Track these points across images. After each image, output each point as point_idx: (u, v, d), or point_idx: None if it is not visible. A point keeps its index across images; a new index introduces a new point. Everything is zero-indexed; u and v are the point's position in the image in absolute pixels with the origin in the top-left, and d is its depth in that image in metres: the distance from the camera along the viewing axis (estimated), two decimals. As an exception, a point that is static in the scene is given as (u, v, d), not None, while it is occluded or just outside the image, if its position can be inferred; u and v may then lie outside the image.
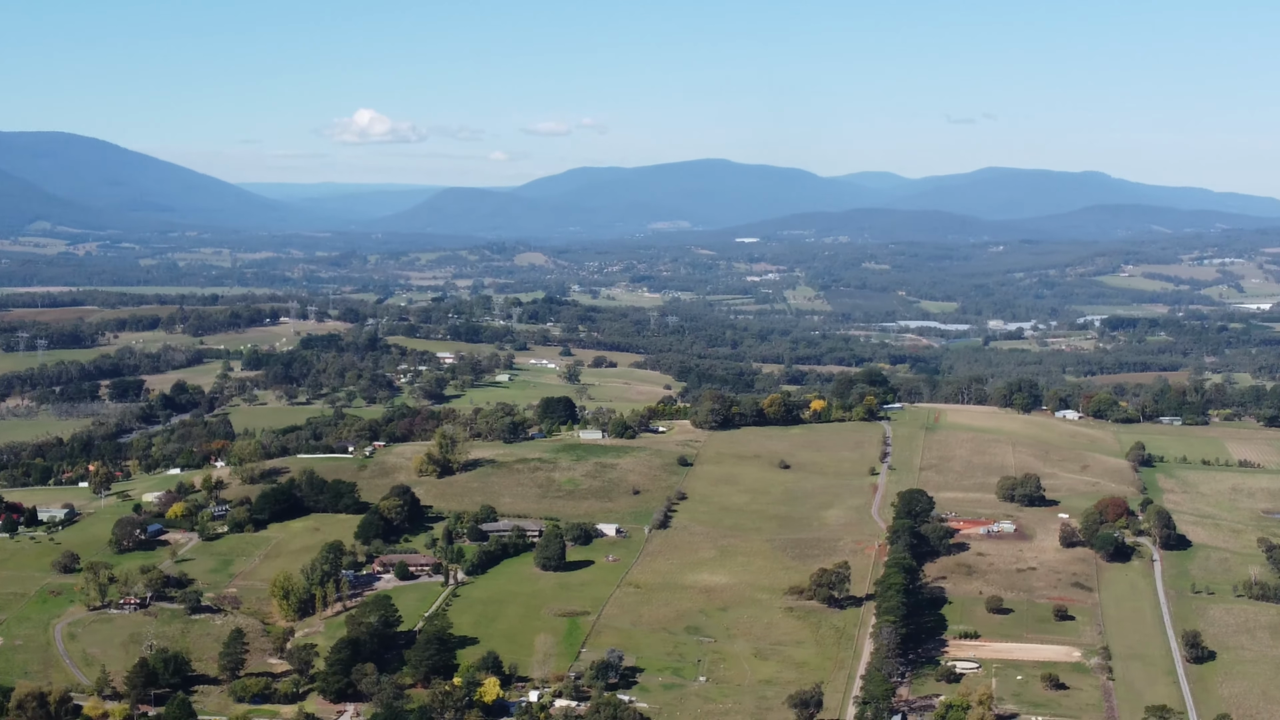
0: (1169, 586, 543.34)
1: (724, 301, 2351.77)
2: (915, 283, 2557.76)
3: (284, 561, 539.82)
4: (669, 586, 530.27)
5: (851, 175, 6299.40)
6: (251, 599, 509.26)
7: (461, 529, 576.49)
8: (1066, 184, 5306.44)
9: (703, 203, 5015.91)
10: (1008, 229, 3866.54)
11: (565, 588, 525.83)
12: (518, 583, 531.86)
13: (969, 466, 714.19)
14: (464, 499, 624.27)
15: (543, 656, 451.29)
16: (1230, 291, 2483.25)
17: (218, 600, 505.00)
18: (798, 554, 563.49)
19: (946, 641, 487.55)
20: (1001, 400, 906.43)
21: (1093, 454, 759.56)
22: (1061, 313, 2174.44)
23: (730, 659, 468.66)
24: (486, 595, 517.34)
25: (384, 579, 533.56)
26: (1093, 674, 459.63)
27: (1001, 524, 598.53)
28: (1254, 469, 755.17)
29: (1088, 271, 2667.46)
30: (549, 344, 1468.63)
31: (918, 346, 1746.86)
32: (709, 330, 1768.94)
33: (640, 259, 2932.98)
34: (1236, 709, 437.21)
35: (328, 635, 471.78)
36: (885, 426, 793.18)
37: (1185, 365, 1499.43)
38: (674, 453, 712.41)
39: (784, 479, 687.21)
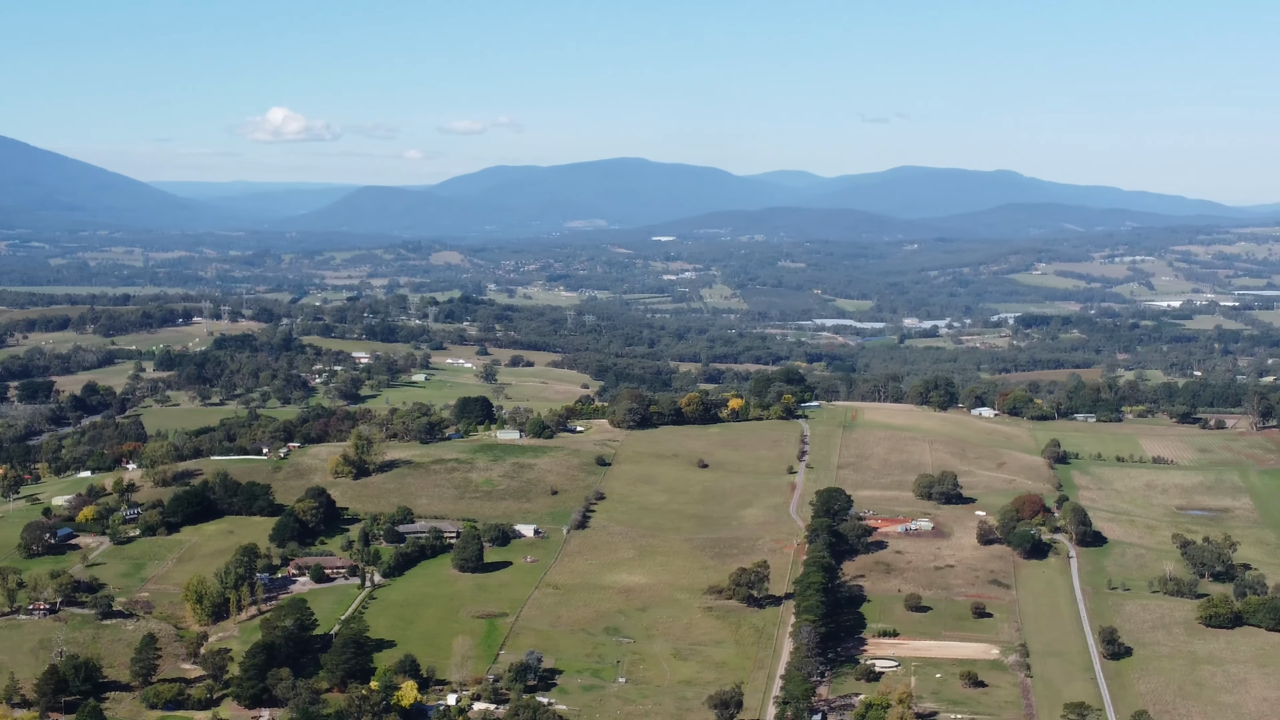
0: (1085, 583, 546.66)
1: (641, 300, 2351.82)
2: (831, 281, 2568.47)
3: (197, 565, 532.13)
4: (588, 587, 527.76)
5: (767, 174, 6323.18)
6: (164, 603, 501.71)
7: (378, 531, 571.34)
8: (979, 183, 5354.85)
9: (619, 201, 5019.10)
10: (922, 227, 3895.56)
11: (483, 589, 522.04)
12: (435, 585, 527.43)
13: (886, 464, 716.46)
14: (380, 500, 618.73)
15: (461, 659, 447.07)
16: (1141, 289, 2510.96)
17: (130, 605, 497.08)
18: (717, 553, 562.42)
19: (866, 640, 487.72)
20: (918, 398, 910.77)
21: (1009, 451, 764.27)
22: (976, 310, 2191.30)
23: (650, 659, 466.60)
24: (404, 598, 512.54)
25: (300, 582, 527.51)
26: (1011, 671, 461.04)
27: (919, 522, 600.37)
28: (1167, 465, 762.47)
29: (1001, 269, 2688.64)
30: (465, 343, 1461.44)
31: (834, 345, 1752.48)
32: (626, 329, 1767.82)
33: (557, 258, 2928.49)
34: (1153, 705, 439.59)
35: (242, 640, 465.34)
36: (803, 425, 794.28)
37: (1098, 362, 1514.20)
38: (592, 452, 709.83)
39: (702, 478, 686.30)
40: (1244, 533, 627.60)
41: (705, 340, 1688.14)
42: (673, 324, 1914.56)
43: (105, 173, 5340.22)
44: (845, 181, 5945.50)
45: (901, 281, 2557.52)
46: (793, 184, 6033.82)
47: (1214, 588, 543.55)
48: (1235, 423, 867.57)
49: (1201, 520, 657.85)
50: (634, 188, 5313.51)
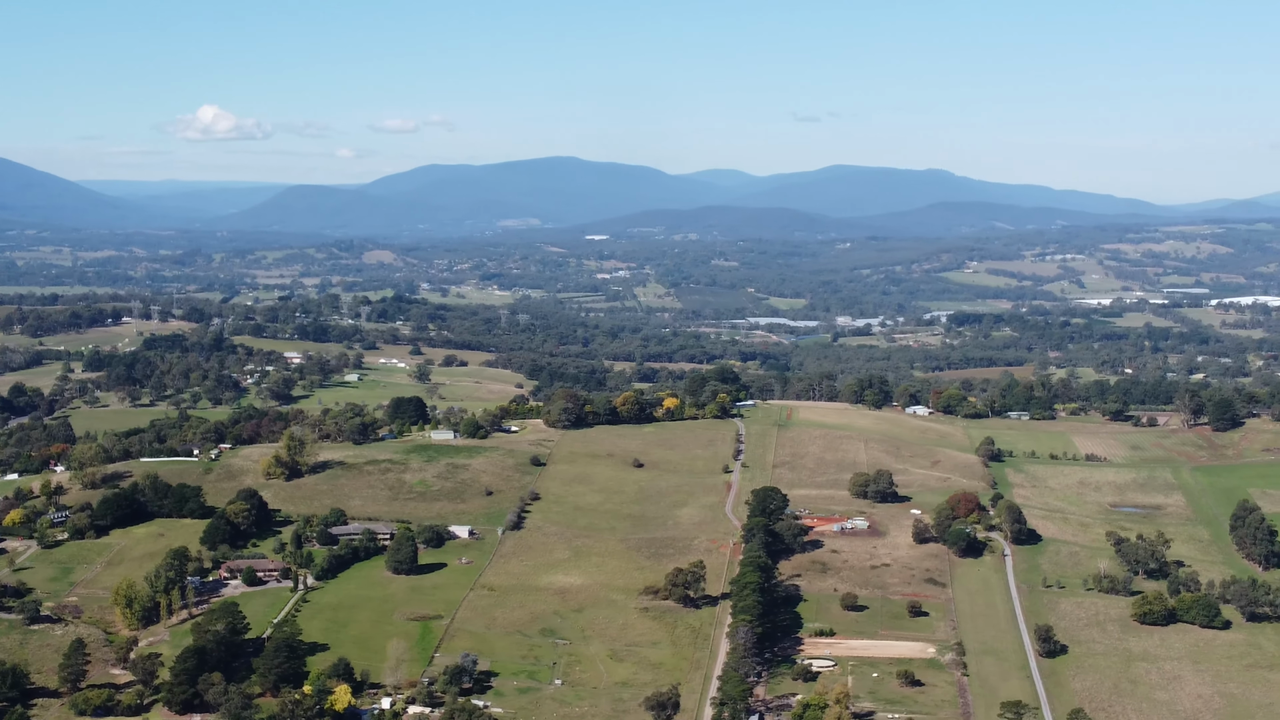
0: (1020, 581, 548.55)
1: (575, 299, 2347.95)
2: (764, 280, 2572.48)
3: (127, 569, 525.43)
4: (523, 588, 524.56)
5: (700, 173, 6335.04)
6: (93, 608, 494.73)
7: (311, 533, 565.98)
8: (911, 181, 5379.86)
9: (552, 200, 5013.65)
10: (854, 226, 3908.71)
11: (418, 591, 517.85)
12: (369, 587, 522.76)
13: (821, 463, 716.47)
14: (313, 502, 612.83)
15: (395, 662, 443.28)
16: (1072, 287, 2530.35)
17: (58, 609, 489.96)
18: (652, 553, 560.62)
19: (802, 640, 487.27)
20: (852, 396, 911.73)
21: (943, 449, 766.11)
22: (908, 309, 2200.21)
23: (586, 661, 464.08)
24: (337, 600, 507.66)
25: (231, 585, 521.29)
26: (947, 670, 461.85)
27: (855, 521, 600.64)
28: (1100, 463, 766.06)
29: (933, 268, 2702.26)
30: (398, 343, 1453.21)
31: (768, 343, 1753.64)
32: (560, 328, 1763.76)
33: (490, 257, 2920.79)
34: (1089, 703, 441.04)
35: (173, 644, 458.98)
36: (738, 424, 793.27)
37: (1030, 360, 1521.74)
38: (527, 452, 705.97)
39: (638, 478, 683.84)
40: (1177, 530, 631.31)
41: (639, 339, 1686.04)
42: (607, 323, 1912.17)
43: (32, 171, 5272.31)
44: (778, 180, 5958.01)
45: (834, 280, 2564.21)
46: (726, 183, 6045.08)
47: (1148, 585, 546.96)
48: (1167, 420, 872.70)
49: (1135, 518, 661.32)
50: (567, 187, 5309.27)
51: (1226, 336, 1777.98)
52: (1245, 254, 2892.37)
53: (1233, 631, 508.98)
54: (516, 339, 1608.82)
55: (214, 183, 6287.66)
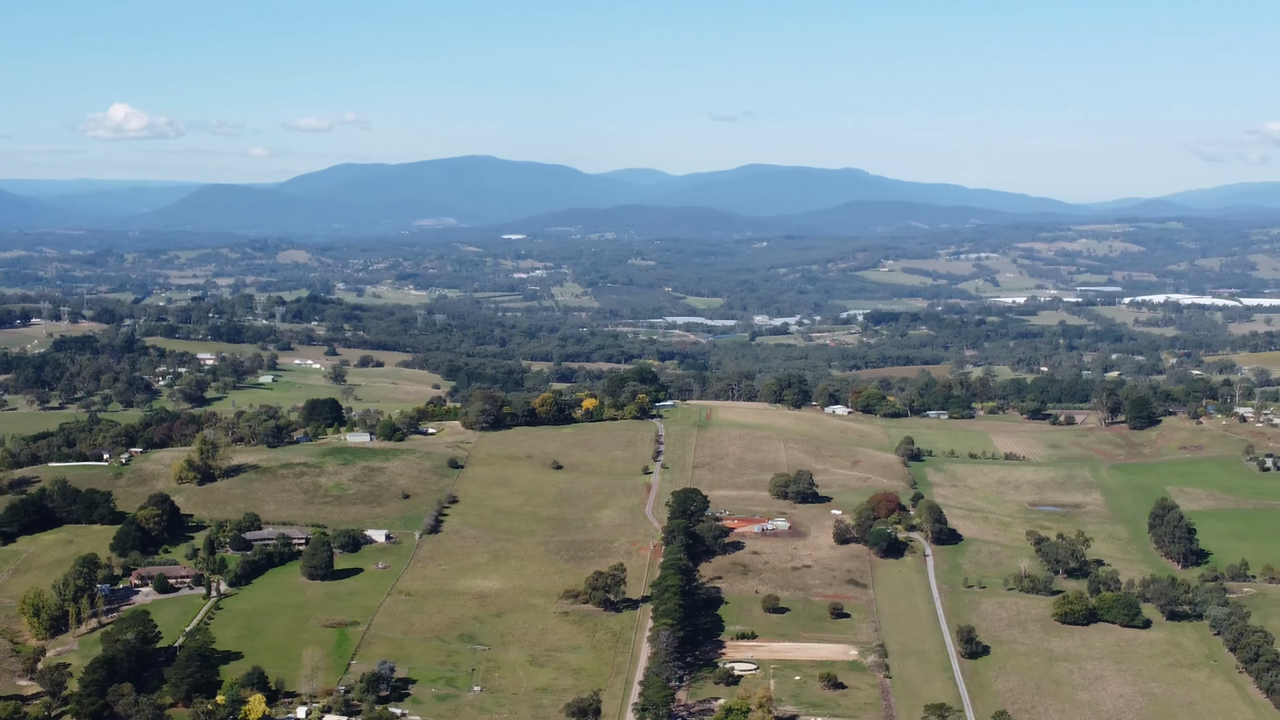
0: (942, 581, 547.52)
1: (492, 299, 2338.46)
2: (681, 279, 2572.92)
3: (34, 576, 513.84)
4: (441, 593, 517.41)
5: (617, 172, 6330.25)
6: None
7: (224, 538, 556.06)
8: (827, 181, 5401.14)
9: (469, 199, 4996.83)
10: (771, 225, 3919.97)
11: (334, 597, 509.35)
12: (284, 593, 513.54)
13: (742, 464, 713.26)
14: (226, 507, 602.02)
15: (311, 670, 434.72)
16: (987, 286, 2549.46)
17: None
18: (572, 556, 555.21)
19: (724, 643, 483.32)
20: (772, 396, 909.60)
21: (863, 449, 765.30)
22: (825, 307, 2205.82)
23: (505, 667, 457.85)
24: (251, 607, 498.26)
25: (142, 593, 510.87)
26: (870, 672, 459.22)
27: (776, 522, 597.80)
28: (1019, 461, 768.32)
29: (849, 266, 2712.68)
30: (314, 344, 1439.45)
31: (686, 343, 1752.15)
32: (477, 328, 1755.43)
33: (406, 256, 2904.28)
34: (1012, 704, 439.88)
35: (82, 654, 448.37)
36: (657, 424, 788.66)
37: (947, 359, 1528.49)
38: (444, 455, 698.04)
39: (557, 480, 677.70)
40: (1096, 528, 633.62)
41: (557, 339, 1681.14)
42: (524, 323, 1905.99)
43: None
44: (694, 179, 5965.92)
45: (751, 279, 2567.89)
46: (642, 182, 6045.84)
47: (1068, 584, 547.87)
48: (1084, 418, 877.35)
49: (1054, 516, 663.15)
50: (484, 186, 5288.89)
51: (1140, 334, 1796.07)
52: (1156, 252, 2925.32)
53: (1153, 630, 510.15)
54: (433, 339, 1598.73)
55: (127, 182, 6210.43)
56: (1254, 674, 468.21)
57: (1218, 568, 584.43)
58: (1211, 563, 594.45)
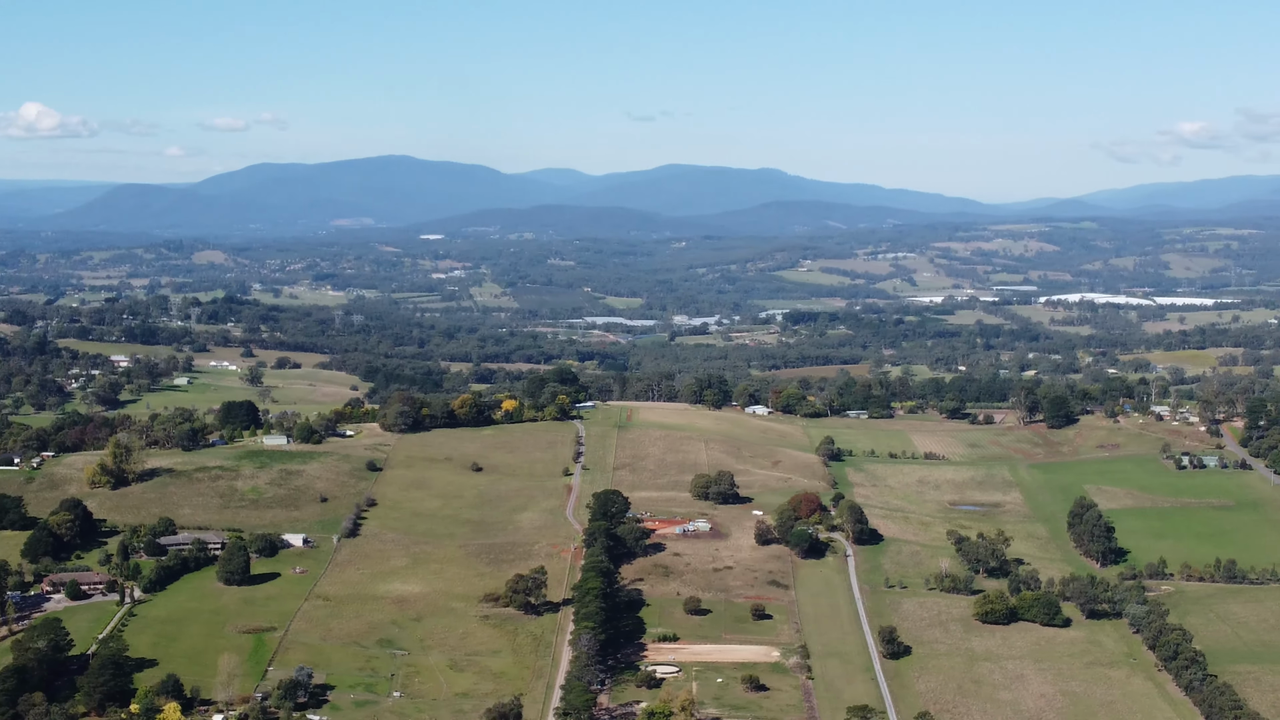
0: (863, 582, 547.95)
1: (410, 299, 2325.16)
2: (600, 279, 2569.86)
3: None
4: (360, 598, 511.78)
5: (535, 172, 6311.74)
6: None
7: (138, 543, 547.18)
8: (745, 181, 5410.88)
9: (387, 199, 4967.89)
10: (689, 225, 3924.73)
11: (250, 603, 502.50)
12: (200, 599, 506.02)
13: (663, 465, 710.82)
14: (141, 511, 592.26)
15: (227, 677, 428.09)
16: (904, 285, 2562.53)
17: None
18: (492, 559, 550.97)
19: (646, 645, 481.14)
20: (692, 396, 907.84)
21: (784, 449, 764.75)
22: (744, 307, 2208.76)
23: (425, 672, 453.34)
24: (166, 614, 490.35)
25: (54, 599, 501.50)
26: (792, 674, 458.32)
27: (697, 523, 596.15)
28: (939, 461, 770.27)
29: (768, 266, 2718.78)
30: (230, 345, 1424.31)
31: (605, 343, 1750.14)
32: (395, 329, 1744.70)
33: (324, 256, 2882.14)
34: (934, 704, 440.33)
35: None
36: (578, 426, 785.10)
37: (865, 358, 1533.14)
38: (363, 457, 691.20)
39: (477, 482, 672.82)
40: (1015, 527, 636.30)
41: (476, 339, 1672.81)
42: (443, 323, 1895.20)
43: None
44: (613, 179, 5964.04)
45: (671, 279, 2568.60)
46: (561, 182, 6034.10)
47: (989, 584, 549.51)
48: (1003, 417, 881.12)
49: (974, 516, 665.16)
50: (401, 185, 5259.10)
51: (1056, 333, 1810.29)
52: (1071, 252, 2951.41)
53: (1073, 629, 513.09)
54: (351, 340, 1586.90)
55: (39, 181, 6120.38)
56: (1173, 672, 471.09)
57: (1136, 566, 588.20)
58: (1130, 561, 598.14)
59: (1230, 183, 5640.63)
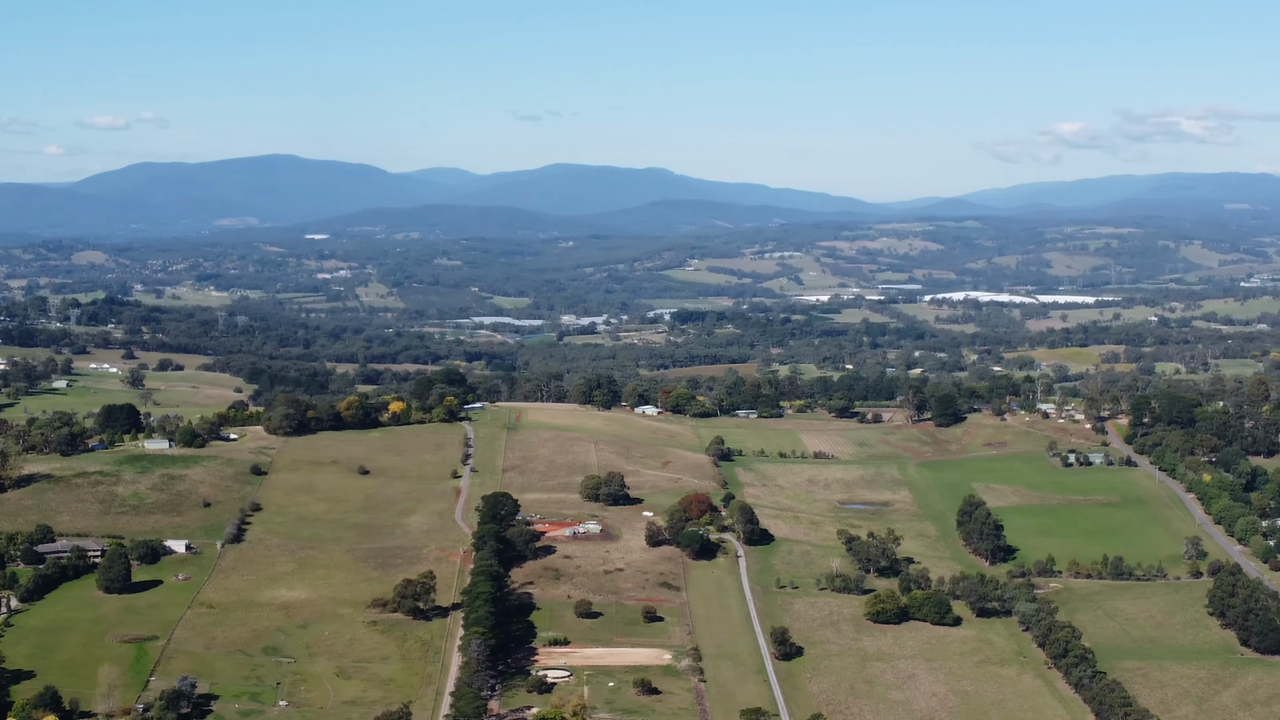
0: (754, 582, 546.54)
1: (295, 300, 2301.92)
2: (488, 279, 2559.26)
3: None
4: (245, 604, 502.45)
5: (421, 171, 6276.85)
6: None
7: (14, 551, 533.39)
8: (631, 180, 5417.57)
9: (271, 199, 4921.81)
10: (576, 224, 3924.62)
11: (132, 611, 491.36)
12: (79, 608, 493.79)
13: (552, 466, 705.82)
14: (17, 518, 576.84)
15: (107, 688, 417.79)
16: (791, 284, 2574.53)
17: None
18: (380, 564, 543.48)
19: (536, 650, 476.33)
20: (581, 397, 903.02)
21: (674, 449, 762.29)
22: (632, 307, 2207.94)
23: (312, 680, 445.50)
24: (44, 623, 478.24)
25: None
26: (684, 676, 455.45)
27: (587, 525, 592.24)
28: (828, 460, 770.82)
29: (655, 266, 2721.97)
30: (111, 347, 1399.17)
31: (493, 343, 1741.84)
32: (280, 330, 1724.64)
33: (207, 257, 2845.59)
34: (826, 706, 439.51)
35: None
36: (466, 427, 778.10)
37: (753, 357, 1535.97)
38: (247, 461, 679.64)
39: (364, 485, 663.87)
40: (905, 526, 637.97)
41: (362, 340, 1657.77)
42: (329, 324, 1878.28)
43: None
44: (500, 179, 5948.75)
45: (558, 279, 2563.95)
46: (447, 181, 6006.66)
47: (880, 583, 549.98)
48: (891, 416, 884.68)
49: (864, 515, 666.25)
50: (286, 185, 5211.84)
51: (941, 331, 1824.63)
52: (955, 250, 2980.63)
53: (964, 628, 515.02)
54: (235, 341, 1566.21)
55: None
56: (1062, 669, 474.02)
57: (1025, 564, 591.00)
58: (1019, 559, 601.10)
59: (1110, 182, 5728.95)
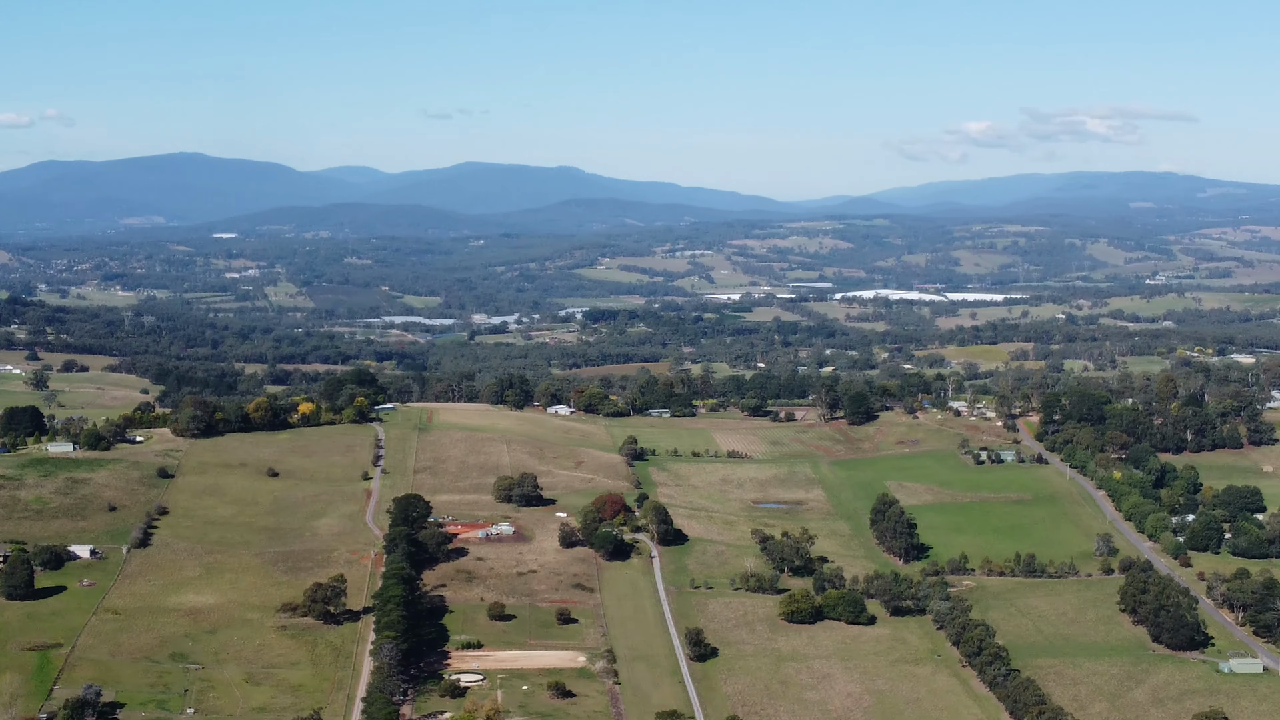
0: (669, 583, 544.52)
1: (203, 299, 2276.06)
2: (398, 278, 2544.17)
3: None
4: (151, 610, 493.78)
5: (330, 169, 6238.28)
6: None
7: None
8: (542, 179, 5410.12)
9: (178, 198, 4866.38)
10: (487, 223, 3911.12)
11: (34, 618, 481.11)
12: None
13: (464, 467, 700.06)
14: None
15: (9, 698, 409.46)
16: (702, 283, 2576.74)
17: None
18: (290, 568, 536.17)
19: (450, 654, 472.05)
20: (493, 397, 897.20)
21: (587, 449, 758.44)
22: (544, 305, 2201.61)
23: (220, 686, 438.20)
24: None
25: None
26: (599, 679, 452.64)
27: (500, 526, 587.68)
28: (742, 459, 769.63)
29: (567, 264, 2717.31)
30: (13, 348, 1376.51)
31: (404, 342, 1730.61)
32: (188, 330, 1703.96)
33: (113, 256, 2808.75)
34: (741, 707, 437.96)
35: None
36: (377, 428, 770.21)
37: (665, 356, 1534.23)
38: (154, 464, 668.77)
39: (273, 488, 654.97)
40: (819, 525, 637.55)
41: (271, 340, 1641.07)
42: (237, 324, 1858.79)
43: None
44: (410, 177, 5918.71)
45: (469, 277, 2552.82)
46: (357, 180, 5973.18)
47: (794, 582, 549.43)
48: (804, 414, 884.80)
49: (778, 514, 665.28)
50: (193, 183, 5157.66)
51: (852, 330, 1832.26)
52: (865, 249, 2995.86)
53: (878, 627, 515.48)
54: (142, 342, 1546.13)
55: None
56: (977, 668, 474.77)
57: (938, 562, 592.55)
58: (932, 557, 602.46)
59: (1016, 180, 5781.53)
